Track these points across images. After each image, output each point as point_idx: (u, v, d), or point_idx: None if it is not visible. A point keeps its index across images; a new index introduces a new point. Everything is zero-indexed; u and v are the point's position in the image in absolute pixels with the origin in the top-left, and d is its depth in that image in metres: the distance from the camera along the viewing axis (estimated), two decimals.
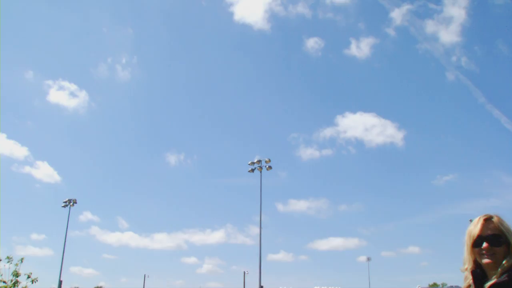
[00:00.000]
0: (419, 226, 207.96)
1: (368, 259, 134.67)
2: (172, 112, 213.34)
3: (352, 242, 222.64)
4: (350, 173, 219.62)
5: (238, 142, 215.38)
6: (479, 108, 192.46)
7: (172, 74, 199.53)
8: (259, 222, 48.35)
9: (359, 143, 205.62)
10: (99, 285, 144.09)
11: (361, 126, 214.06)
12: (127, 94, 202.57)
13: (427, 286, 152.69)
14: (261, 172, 50.11)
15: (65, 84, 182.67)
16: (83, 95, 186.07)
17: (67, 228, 67.17)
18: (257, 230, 48.20)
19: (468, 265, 2.42)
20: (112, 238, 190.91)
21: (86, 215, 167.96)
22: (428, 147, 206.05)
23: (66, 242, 66.44)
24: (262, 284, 45.43)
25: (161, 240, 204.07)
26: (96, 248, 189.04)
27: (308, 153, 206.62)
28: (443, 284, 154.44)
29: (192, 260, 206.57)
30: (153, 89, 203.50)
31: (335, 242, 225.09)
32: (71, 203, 67.56)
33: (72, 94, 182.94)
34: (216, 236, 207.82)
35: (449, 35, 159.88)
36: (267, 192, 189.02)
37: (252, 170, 50.69)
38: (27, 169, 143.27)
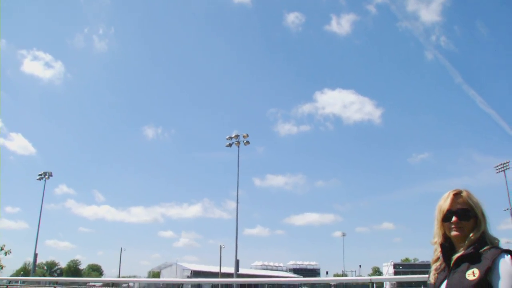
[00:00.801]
0: (394, 203, 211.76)
1: (343, 234, 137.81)
2: (150, 86, 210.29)
3: (327, 218, 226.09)
4: (327, 149, 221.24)
5: (216, 116, 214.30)
6: (456, 88, 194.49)
7: (150, 47, 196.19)
8: (236, 197, 48.77)
9: (337, 120, 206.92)
10: (75, 258, 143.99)
11: (340, 102, 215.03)
12: (104, 66, 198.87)
13: (399, 261, 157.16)
14: (238, 147, 50.24)
15: (40, 54, 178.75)
16: (58, 66, 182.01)
17: (42, 201, 66.64)
18: (234, 204, 48.65)
19: (437, 238, 2.48)
20: (88, 211, 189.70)
21: (62, 188, 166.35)
22: (405, 125, 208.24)
23: (41, 215, 66.04)
24: (238, 258, 46.04)
25: (138, 214, 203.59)
26: (72, 221, 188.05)
27: (286, 128, 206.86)
28: (415, 259, 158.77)
29: (168, 233, 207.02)
30: (131, 61, 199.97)
31: (311, 218, 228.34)
32: (47, 176, 66.90)
33: (47, 65, 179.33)
34: (193, 210, 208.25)
35: (429, 14, 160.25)
36: (244, 167, 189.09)
37: (230, 145, 50.78)
38: (0, 141, 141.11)
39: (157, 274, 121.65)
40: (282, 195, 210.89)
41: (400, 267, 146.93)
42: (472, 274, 2.20)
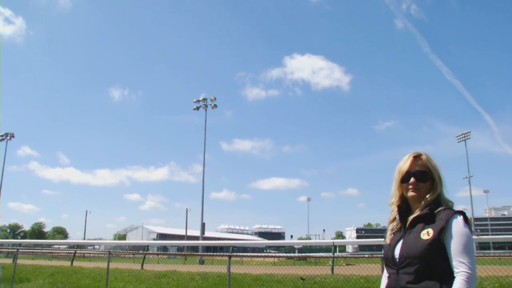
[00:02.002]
0: (359, 169, 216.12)
1: (308, 199, 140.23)
2: (117, 46, 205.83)
3: (293, 183, 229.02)
4: (295, 115, 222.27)
5: (183, 79, 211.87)
6: (423, 57, 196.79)
7: (117, 7, 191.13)
8: (203, 160, 48.65)
9: (305, 85, 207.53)
10: (39, 220, 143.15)
11: (309, 68, 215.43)
12: (69, 24, 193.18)
13: (362, 226, 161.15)
14: (206, 110, 49.87)
15: None
16: (19, 22, 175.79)
17: (4, 163, 65.40)
18: (200, 168, 48.61)
19: (395, 199, 2.54)
20: (52, 173, 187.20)
21: (25, 150, 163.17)
22: (372, 92, 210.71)
23: (3, 177, 64.77)
24: (204, 221, 46.28)
25: (104, 176, 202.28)
26: (35, 184, 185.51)
27: (254, 93, 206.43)
28: (377, 225, 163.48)
29: (135, 196, 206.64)
30: (97, 20, 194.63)
31: (277, 182, 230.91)
32: (8, 137, 65.38)
33: (7, 20, 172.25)
34: (159, 173, 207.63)
35: None
36: (211, 130, 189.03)
37: (197, 108, 50.37)
38: None
39: (123, 237, 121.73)
40: (249, 159, 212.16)
41: (363, 232, 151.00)
42: (427, 234, 2.28)
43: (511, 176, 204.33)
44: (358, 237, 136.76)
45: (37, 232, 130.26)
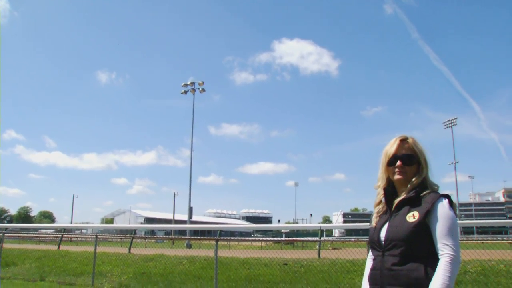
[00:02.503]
0: (346, 154, 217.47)
1: (296, 184, 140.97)
2: (104, 29, 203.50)
3: (281, 167, 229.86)
4: (283, 99, 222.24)
5: (171, 63, 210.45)
6: (412, 43, 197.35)
7: None
8: (190, 145, 48.59)
9: (294, 70, 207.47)
10: (26, 205, 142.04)
11: (297, 53, 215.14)
12: (55, 6, 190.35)
13: (349, 210, 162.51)
14: (194, 94, 49.71)
15: None
16: (3, 2, 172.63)
17: None
18: (188, 152, 48.62)
19: (381, 182, 2.55)
20: (39, 157, 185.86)
21: (10, 134, 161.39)
22: (360, 78, 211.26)
23: None
24: (192, 205, 46.34)
25: (91, 161, 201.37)
26: (21, 168, 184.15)
27: (242, 77, 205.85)
28: (364, 209, 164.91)
29: (122, 181, 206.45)
30: (84, 3, 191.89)
31: (265, 167, 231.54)
32: None
33: None
34: (147, 158, 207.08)
35: None
36: (200, 115, 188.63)
37: (185, 92, 50.15)
38: None
39: (110, 221, 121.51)
40: (237, 144, 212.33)
41: (349, 217, 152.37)
42: (412, 216, 2.30)
43: (495, 162, 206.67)
44: (344, 222, 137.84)
45: (24, 216, 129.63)
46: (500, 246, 17.25)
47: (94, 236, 15.05)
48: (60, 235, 23.92)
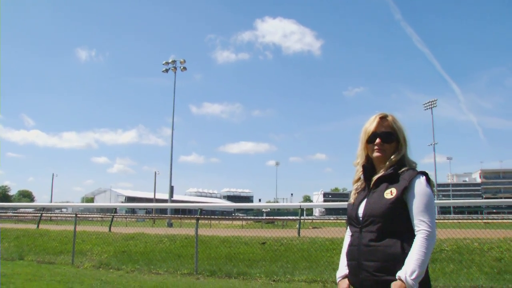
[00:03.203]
0: (327, 134, 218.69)
1: (277, 163, 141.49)
2: (84, 6, 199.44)
3: (262, 147, 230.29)
4: (265, 79, 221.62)
5: (152, 41, 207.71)
6: (395, 24, 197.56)
7: None
8: (171, 124, 48.29)
9: (276, 49, 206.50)
10: (4, 184, 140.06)
11: (280, 32, 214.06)
12: None
13: (329, 190, 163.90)
14: (175, 73, 49.24)
15: None
16: None
17: None
18: (169, 131, 48.34)
19: (360, 159, 2.56)
20: (17, 136, 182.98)
21: None
22: (343, 58, 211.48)
23: None
24: (173, 185, 46.28)
25: (70, 139, 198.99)
26: None
27: (224, 56, 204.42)
28: (344, 189, 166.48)
29: (102, 160, 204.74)
30: None
31: (246, 146, 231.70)
32: None
33: None
34: (127, 136, 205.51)
35: None
36: (181, 93, 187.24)
37: (166, 71, 49.65)
38: None
39: (90, 200, 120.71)
40: (218, 123, 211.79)
41: (330, 196, 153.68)
42: (390, 193, 2.32)
43: (473, 144, 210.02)
44: (325, 201, 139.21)
45: (2, 195, 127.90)
46: (475, 225, 17.61)
47: (74, 215, 14.93)
48: (40, 214, 23.69)
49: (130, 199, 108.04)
